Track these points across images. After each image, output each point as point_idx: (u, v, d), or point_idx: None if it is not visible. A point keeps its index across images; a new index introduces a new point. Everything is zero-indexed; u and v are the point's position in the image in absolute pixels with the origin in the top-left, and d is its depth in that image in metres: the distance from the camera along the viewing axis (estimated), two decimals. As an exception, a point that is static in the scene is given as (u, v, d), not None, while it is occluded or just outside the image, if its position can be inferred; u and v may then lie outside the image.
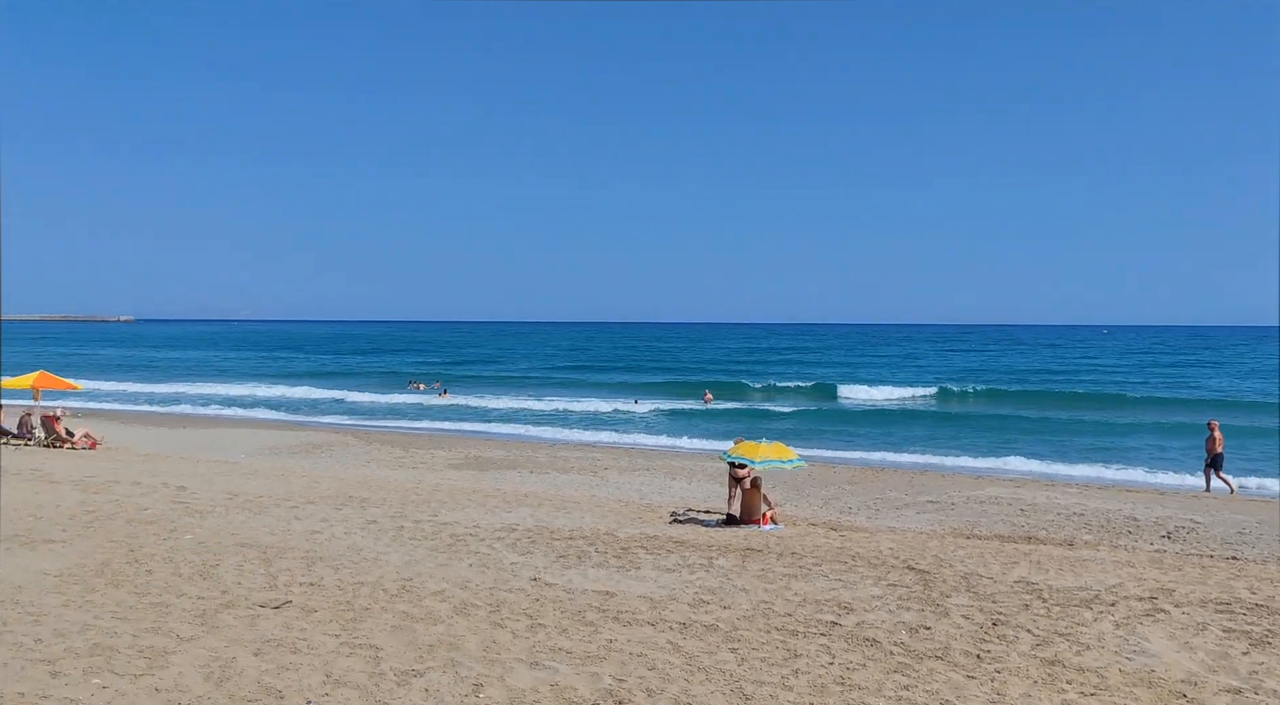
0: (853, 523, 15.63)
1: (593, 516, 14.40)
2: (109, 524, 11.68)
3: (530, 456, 24.66)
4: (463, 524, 12.75)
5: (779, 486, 19.06)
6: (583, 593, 8.98)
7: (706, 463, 23.37)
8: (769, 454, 14.79)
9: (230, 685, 6.13)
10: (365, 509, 13.70)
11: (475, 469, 21.87)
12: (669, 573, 10.07)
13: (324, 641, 7.11)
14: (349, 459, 23.33)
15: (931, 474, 22.90)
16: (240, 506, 13.46)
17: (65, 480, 15.48)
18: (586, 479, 20.40)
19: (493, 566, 10.06)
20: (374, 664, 6.62)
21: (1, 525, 11.32)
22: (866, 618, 8.31)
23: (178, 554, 10.07)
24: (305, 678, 6.31)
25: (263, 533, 11.51)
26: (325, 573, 9.45)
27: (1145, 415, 38.02)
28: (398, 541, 11.29)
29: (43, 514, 12.18)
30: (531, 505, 15.30)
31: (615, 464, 23.27)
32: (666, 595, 8.98)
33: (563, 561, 10.49)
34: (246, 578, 9.11)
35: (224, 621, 7.57)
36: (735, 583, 9.66)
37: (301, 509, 13.44)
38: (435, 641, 7.19)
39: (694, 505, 16.75)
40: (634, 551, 11.23)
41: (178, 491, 14.68)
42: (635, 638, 7.47)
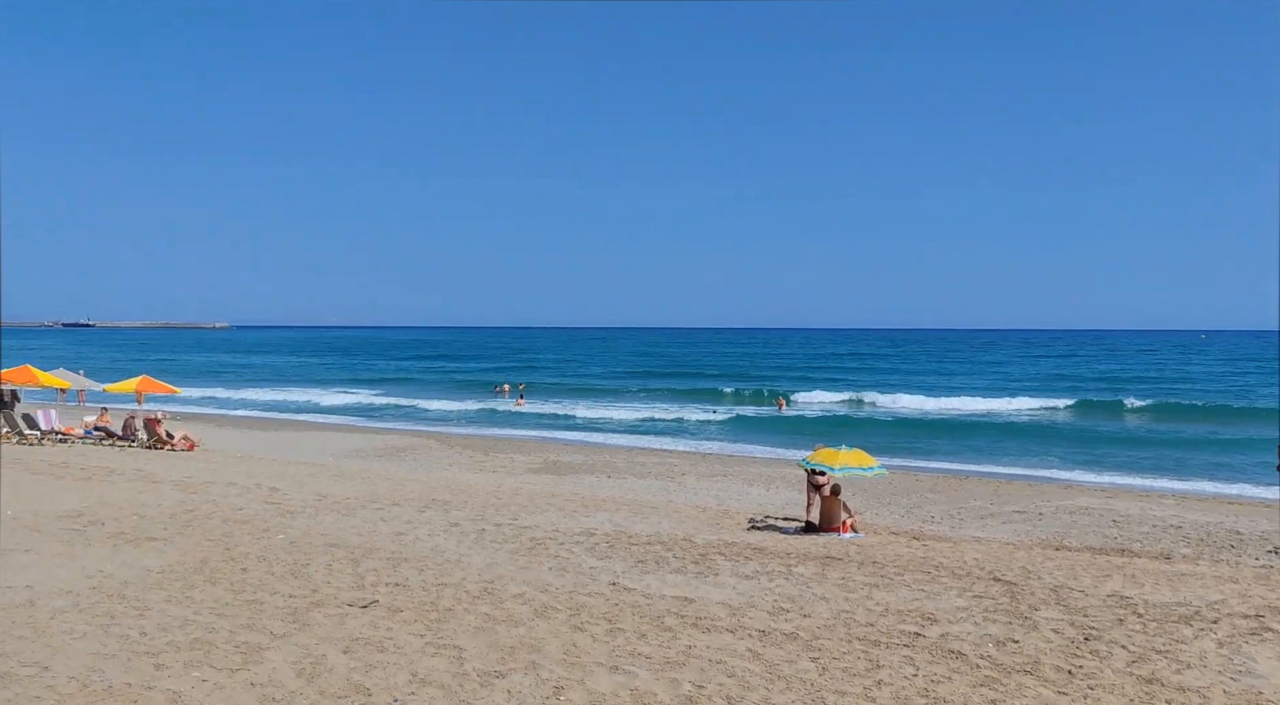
0: (935, 532, 15.29)
1: (670, 522, 14.41)
2: (206, 523, 12.17)
3: (607, 461, 24.81)
4: (542, 528, 12.90)
5: (858, 494, 18.77)
6: (661, 598, 8.99)
7: (784, 469, 23.16)
8: (849, 461, 14.59)
9: (321, 682, 6.32)
10: (448, 512, 13.98)
11: (553, 473, 22.10)
12: (747, 580, 10.02)
13: (409, 641, 7.28)
14: (431, 462, 23.82)
15: (1018, 483, 22.26)
16: (329, 508, 13.86)
17: (166, 480, 16.18)
18: (663, 484, 20.43)
19: (572, 570, 10.15)
20: (458, 664, 6.75)
21: (108, 523, 11.90)
22: (951, 629, 8.13)
23: (271, 553, 10.43)
24: (392, 676, 6.46)
25: (350, 533, 11.84)
26: (410, 573, 9.66)
27: (1250, 426, 36.20)
28: (479, 544, 11.48)
29: (146, 513, 12.76)
30: (609, 510, 15.38)
31: (692, 469, 23.25)
32: (745, 602, 8.94)
33: (641, 566, 10.53)
34: (335, 577, 9.38)
35: (314, 619, 7.81)
36: (815, 591, 9.55)
37: (387, 511, 13.78)
38: (517, 643, 7.29)
39: (772, 512, 16.62)
40: (712, 558, 11.20)
41: (270, 492, 15.20)
42: (714, 644, 7.45)
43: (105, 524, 11.81)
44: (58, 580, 8.85)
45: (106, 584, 8.77)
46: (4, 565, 9.38)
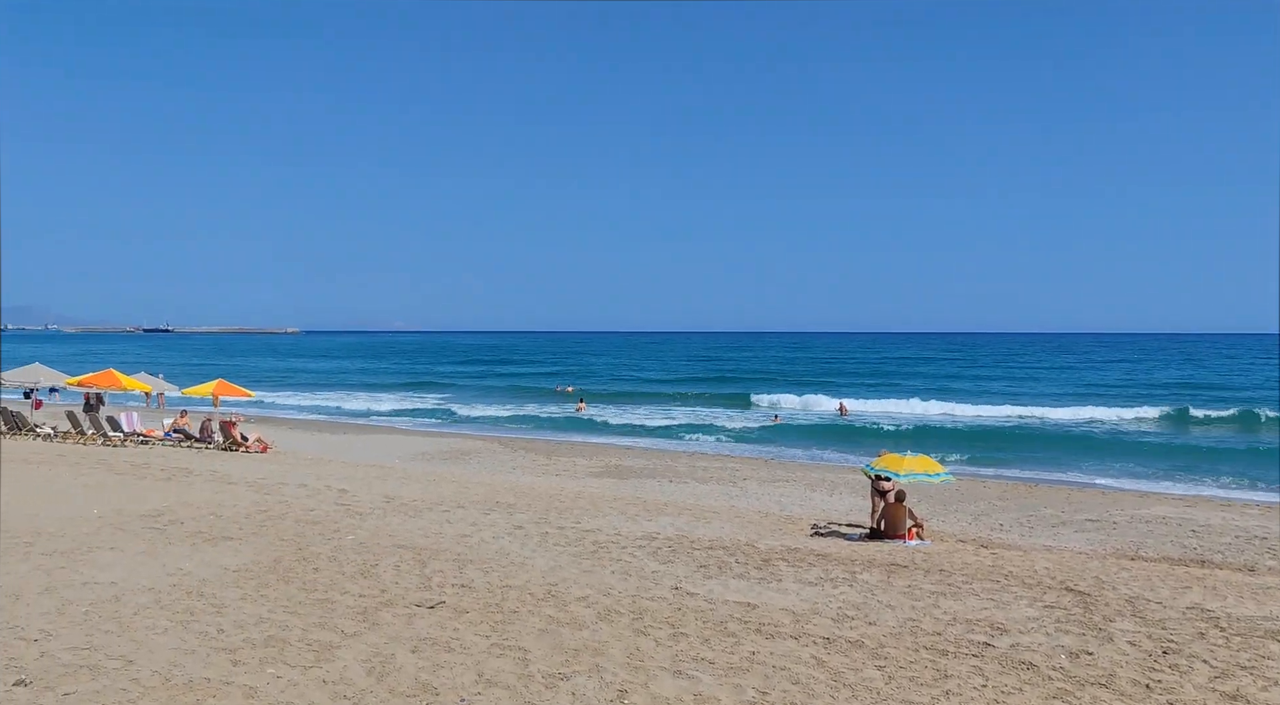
0: (1004, 540, 14.96)
1: (732, 527, 14.36)
2: (279, 523, 12.50)
3: (669, 466, 24.82)
4: (604, 531, 12.97)
5: (924, 501, 18.46)
6: (724, 603, 8.97)
7: (847, 475, 22.90)
8: (914, 467, 14.37)
9: (390, 680, 6.45)
10: (512, 514, 14.14)
11: (615, 477, 22.18)
12: (811, 586, 9.93)
13: (475, 642, 7.39)
14: (495, 465, 24.11)
15: (1090, 491, 21.67)
16: (396, 509, 14.14)
17: (241, 481, 16.67)
18: (725, 489, 20.36)
19: (635, 574, 10.18)
20: (523, 665, 6.83)
21: (187, 523, 12.31)
22: (1022, 640, 7.95)
23: (341, 553, 10.67)
24: (459, 676, 6.57)
25: (417, 535, 12.06)
26: (475, 575, 9.80)
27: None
28: (543, 547, 11.59)
29: (222, 513, 13.17)
30: (671, 514, 15.39)
31: (754, 474, 23.13)
32: (809, 608, 8.86)
33: (703, 571, 10.51)
34: (403, 578, 9.56)
35: (383, 619, 7.98)
36: (880, 598, 9.43)
37: (452, 513, 13.99)
38: (581, 646, 7.34)
39: (835, 518, 16.44)
40: (775, 563, 11.13)
41: (340, 494, 15.56)
42: (778, 651, 7.41)
43: (184, 523, 12.22)
44: (141, 577, 9.19)
45: (186, 582, 9.08)
46: (92, 562, 9.77)
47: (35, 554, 10.05)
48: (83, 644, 7.02)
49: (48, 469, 17.75)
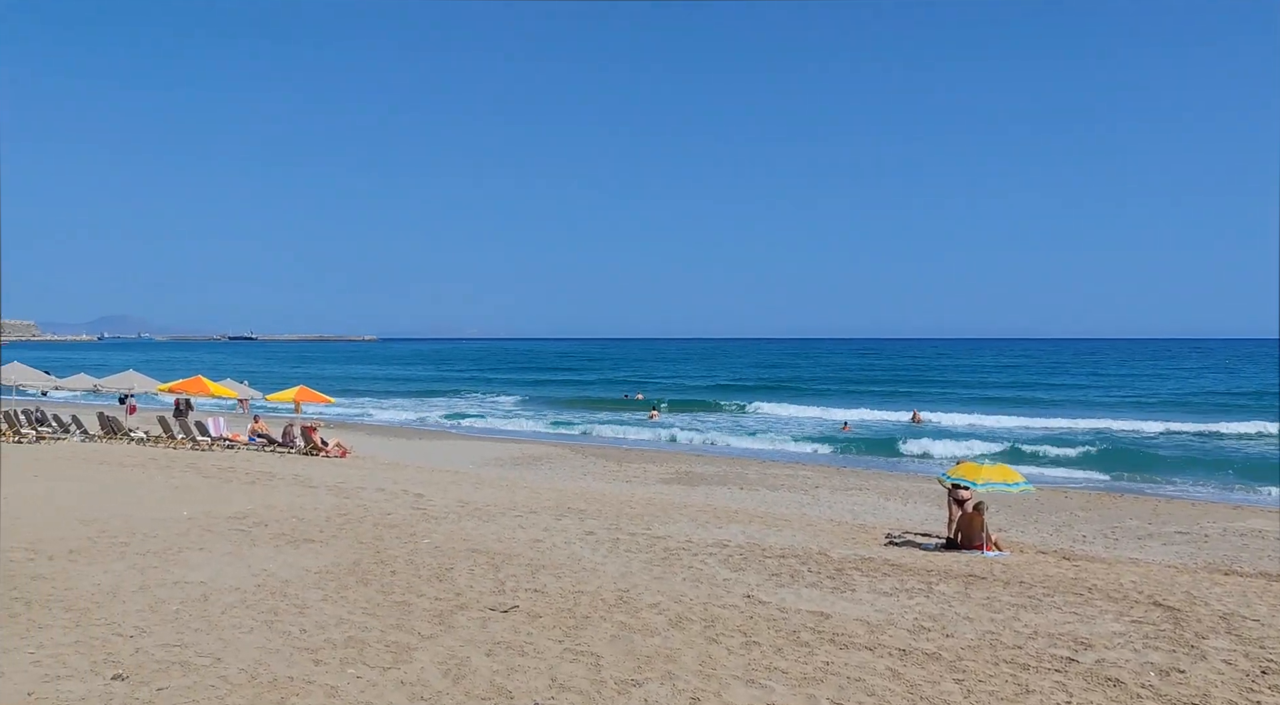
0: (1087, 552, 14.49)
1: (804, 535, 14.22)
2: (358, 527, 12.81)
3: (740, 473, 24.69)
4: (675, 538, 12.97)
5: (1002, 511, 18.01)
6: (797, 612, 8.88)
7: (922, 484, 22.47)
8: (992, 476, 14.03)
9: (466, 683, 6.56)
10: (583, 520, 14.24)
11: (685, 484, 22.16)
12: (886, 596, 9.77)
13: (549, 646, 7.46)
14: (566, 471, 24.31)
15: (1179, 502, 20.84)
16: (470, 514, 14.36)
17: (321, 485, 17.13)
18: (797, 497, 20.17)
19: (706, 581, 10.16)
20: (595, 671, 6.87)
21: (270, 525, 12.70)
22: (1107, 655, 7.69)
23: (417, 557, 10.89)
24: (532, 680, 6.64)
25: (491, 540, 12.23)
26: (548, 580, 9.90)
27: None
28: (614, 553, 11.64)
29: (304, 515, 13.55)
30: (742, 522, 15.31)
31: (826, 482, 22.86)
32: (884, 619, 8.72)
33: (775, 579, 10.43)
34: (477, 582, 9.71)
35: (459, 622, 8.11)
36: (958, 610, 9.22)
37: (525, 518, 14.16)
38: (653, 653, 7.35)
39: (910, 527, 16.14)
40: (848, 573, 10.98)
41: (416, 498, 15.87)
42: (852, 661, 7.31)
43: (268, 525, 12.61)
44: (227, 577, 9.51)
45: (270, 582, 9.37)
46: (182, 562, 10.15)
47: (130, 553, 10.50)
48: (174, 641, 7.30)
49: (141, 471, 18.51)
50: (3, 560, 9.98)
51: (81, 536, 11.43)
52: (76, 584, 9.03)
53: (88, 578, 9.30)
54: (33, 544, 10.87)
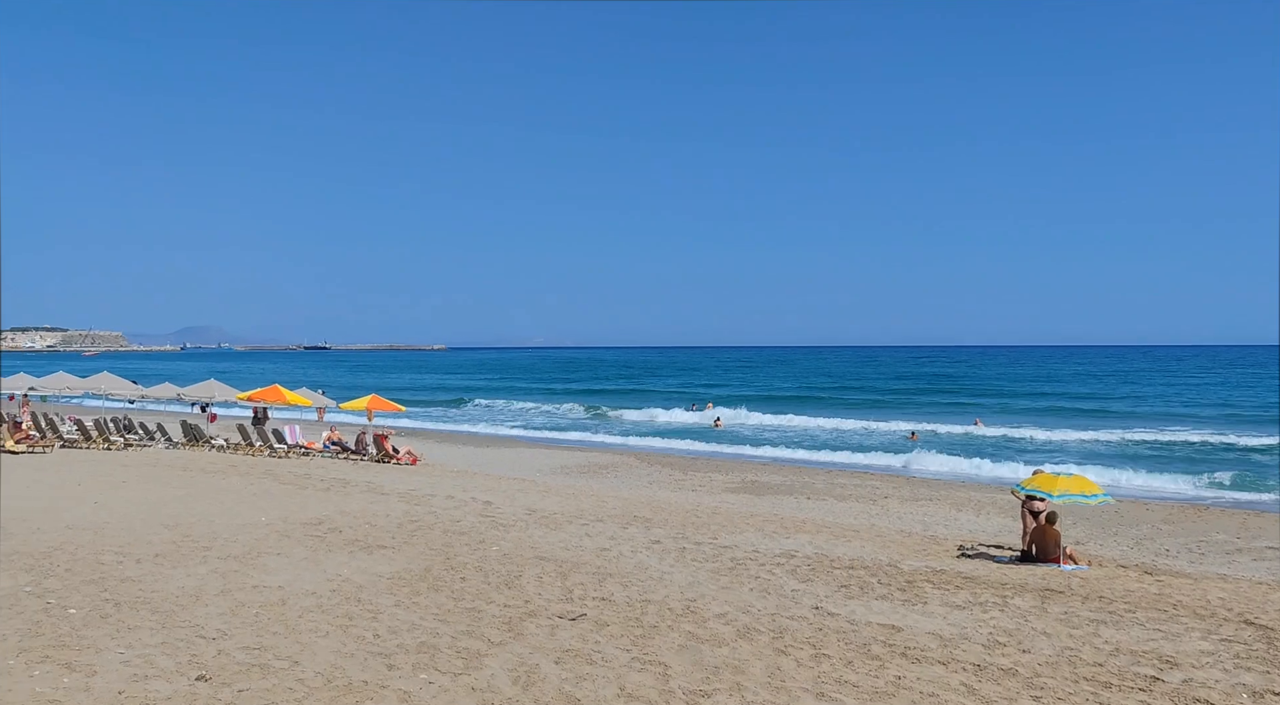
0: (1171, 567, 13.97)
1: (873, 546, 14.00)
2: (429, 533, 13.03)
3: (806, 482, 24.44)
4: (742, 548, 12.89)
5: (1080, 523, 17.49)
6: (867, 625, 8.75)
7: (995, 494, 21.94)
8: (1069, 487, 13.63)
9: (535, 690, 6.61)
10: (649, 529, 14.25)
11: (752, 493, 22.01)
12: (959, 610, 9.56)
13: (616, 655, 7.48)
14: (631, 480, 24.36)
15: (1270, 516, 19.94)
16: (538, 522, 14.49)
17: (393, 492, 17.47)
18: (865, 507, 19.87)
19: (774, 592, 10.07)
20: (663, 681, 6.87)
21: (345, 531, 12.99)
22: (1195, 675, 7.40)
23: (486, 564, 11.02)
24: (601, 689, 6.66)
25: (558, 548, 12.32)
26: (615, 589, 9.93)
27: None
28: (681, 562, 11.62)
29: (376, 522, 13.84)
30: (809, 532, 15.15)
31: (895, 493, 22.48)
32: (957, 633, 8.54)
33: (844, 591, 10.29)
34: (546, 589, 9.78)
35: (528, 629, 8.19)
36: (1034, 625, 8.98)
37: (591, 526, 14.23)
38: (721, 664, 7.32)
39: (983, 539, 15.77)
40: (919, 585, 10.78)
41: (484, 506, 16.07)
42: (925, 676, 7.17)
43: (342, 532, 12.91)
44: (304, 582, 9.76)
45: (345, 587, 9.59)
46: (261, 566, 10.45)
47: (212, 558, 10.85)
48: (254, 644, 7.51)
49: (221, 478, 19.11)
50: (95, 562, 10.41)
51: (166, 540, 11.86)
52: (162, 587, 9.36)
53: (173, 581, 9.63)
54: (122, 547, 11.32)
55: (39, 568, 10.09)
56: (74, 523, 13.03)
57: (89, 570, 10.04)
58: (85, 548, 11.26)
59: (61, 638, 7.51)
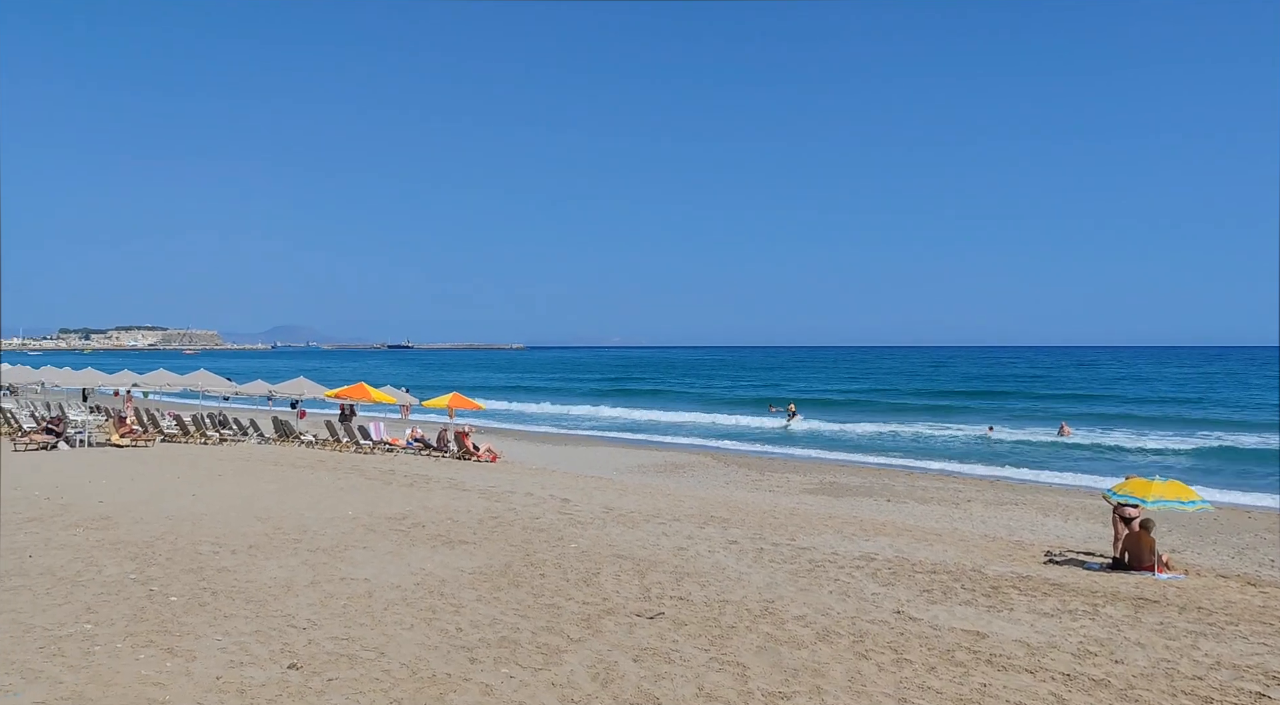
0: (1276, 578, 13.30)
1: (956, 550, 13.69)
2: (509, 530, 13.23)
3: (886, 484, 24.03)
4: (820, 550, 12.75)
5: (1175, 530, 16.80)
6: (950, 630, 8.57)
7: (1084, 499, 21.22)
8: (1164, 493, 13.09)
9: (614, 687, 6.66)
10: (726, 529, 14.20)
11: (830, 495, 21.74)
12: (1047, 617, 9.29)
13: (694, 655, 7.48)
14: (708, 480, 24.30)
15: (1387, 525, 18.82)
16: (615, 520, 14.57)
17: (473, 489, 17.79)
18: (948, 510, 19.44)
19: (854, 595, 9.94)
20: (742, 682, 6.84)
21: (427, 526, 13.29)
22: (1303, 693, 7.04)
23: (565, 561, 11.14)
24: (679, 688, 6.67)
25: (635, 546, 12.37)
26: (693, 588, 9.93)
27: None
28: (758, 563, 11.56)
29: (458, 518, 14.11)
30: (890, 535, 14.89)
31: (979, 496, 21.93)
32: (1045, 642, 8.29)
33: (927, 596, 10.10)
34: (623, 587, 9.84)
35: (606, 627, 8.25)
36: (1127, 635, 8.67)
37: (669, 526, 14.25)
38: (800, 666, 7.26)
39: (1071, 545, 15.27)
40: (1005, 591, 10.50)
41: (562, 503, 16.24)
42: (1012, 684, 6.99)
43: (425, 527, 13.20)
44: (389, 575, 10.02)
45: (428, 581, 9.80)
46: (348, 559, 10.77)
47: (302, 550, 11.21)
48: (342, 634, 7.75)
49: (310, 473, 19.73)
50: (193, 552, 10.86)
51: (259, 532, 12.31)
52: (255, 577, 9.72)
53: (265, 572, 9.99)
54: (218, 538, 11.79)
55: (142, 556, 10.58)
56: (174, 514, 13.62)
57: (188, 559, 10.49)
58: (184, 538, 11.76)
59: (164, 623, 7.87)
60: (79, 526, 12.42)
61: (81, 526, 12.42)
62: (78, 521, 12.77)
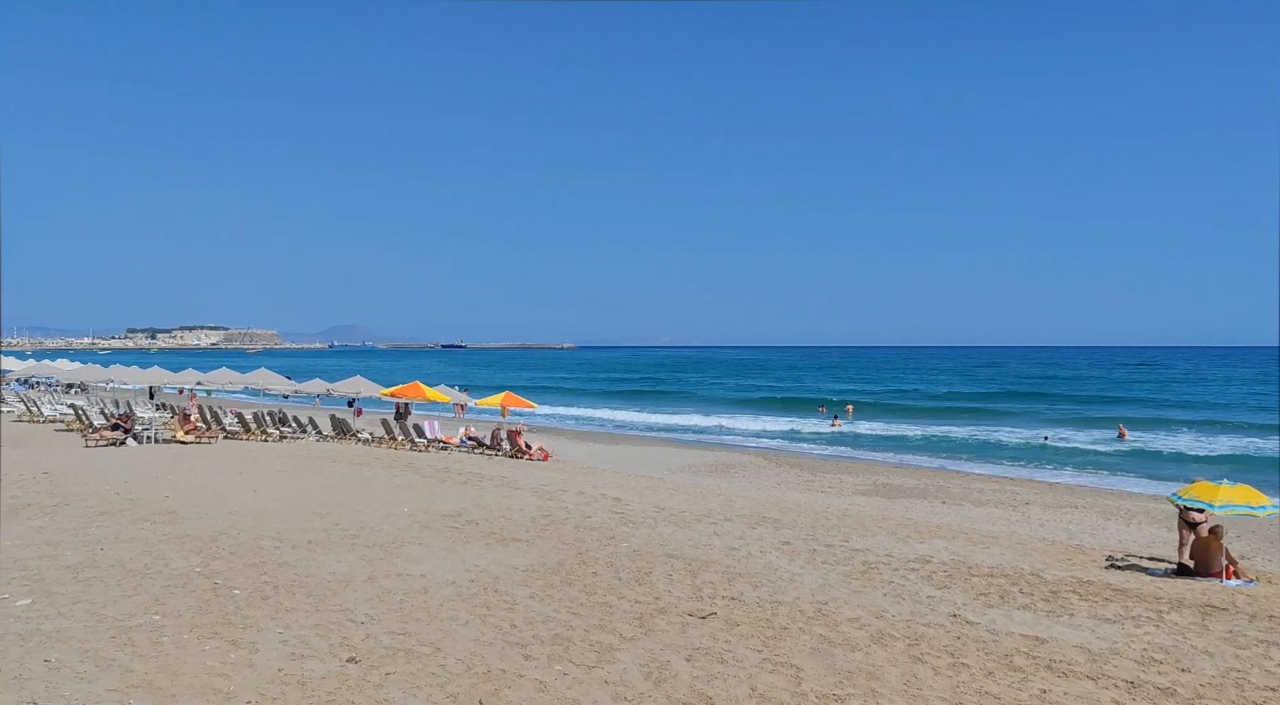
0: (1354, 586, 12.82)
1: (1014, 554, 13.44)
2: (561, 528, 13.32)
3: (941, 486, 23.69)
4: (874, 551, 12.62)
5: (1245, 536, 16.29)
6: (1008, 635, 8.42)
7: (1147, 503, 20.69)
8: (1233, 498, 12.71)
9: (667, 687, 6.67)
10: (778, 530, 14.13)
11: (883, 496, 21.50)
12: (1109, 623, 9.08)
13: (747, 655, 7.46)
14: (759, 480, 24.19)
15: None
16: (666, 519, 14.59)
17: (525, 487, 17.94)
18: (1005, 513, 19.10)
19: (908, 598, 9.82)
20: (795, 683, 6.81)
21: (481, 523, 13.44)
22: (1381, 706, 6.79)
23: (617, 560, 11.19)
24: (732, 689, 6.66)
25: (687, 546, 12.37)
26: (744, 589, 9.90)
27: None
28: (811, 564, 11.48)
29: (510, 516, 14.25)
30: (945, 537, 14.68)
31: (1036, 499, 21.51)
32: (1107, 648, 8.11)
33: (983, 599, 9.93)
34: (675, 587, 9.85)
35: (658, 626, 8.26)
36: (1194, 643, 8.43)
37: (720, 526, 14.22)
38: (854, 669, 7.20)
39: (1134, 550, 14.90)
40: (1065, 596, 10.29)
41: (614, 502, 16.30)
42: (1072, 691, 6.85)
43: (479, 524, 13.35)
44: (444, 571, 10.16)
45: (482, 578, 9.92)
46: (404, 555, 10.94)
47: (360, 546, 11.42)
48: (399, 629, 7.88)
49: (367, 470, 20.08)
50: (255, 547, 11.13)
51: (318, 528, 12.56)
52: (315, 572, 9.93)
53: (324, 566, 10.20)
54: (279, 533, 12.06)
55: (207, 550, 10.87)
56: (236, 509, 13.96)
57: (250, 554, 10.75)
58: (246, 533, 12.06)
59: (227, 616, 8.08)
60: (147, 521, 12.80)
61: (149, 521, 12.80)
62: (145, 516, 13.17)
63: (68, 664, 6.71)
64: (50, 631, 7.50)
